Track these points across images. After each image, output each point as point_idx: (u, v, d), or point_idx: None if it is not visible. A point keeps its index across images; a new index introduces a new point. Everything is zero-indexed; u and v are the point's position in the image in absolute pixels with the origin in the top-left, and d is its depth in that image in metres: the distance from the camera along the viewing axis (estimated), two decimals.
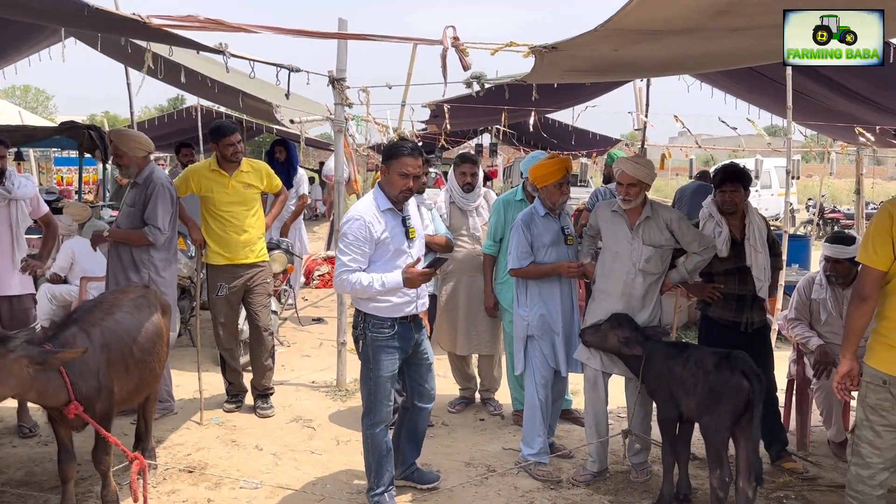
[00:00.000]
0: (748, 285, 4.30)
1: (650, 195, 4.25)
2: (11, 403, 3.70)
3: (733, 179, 4.30)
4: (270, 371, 5.34)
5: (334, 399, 5.58)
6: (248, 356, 5.46)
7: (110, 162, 7.41)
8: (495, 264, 5.03)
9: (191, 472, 4.23)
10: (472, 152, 11.69)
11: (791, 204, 7.97)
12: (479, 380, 5.55)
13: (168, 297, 4.62)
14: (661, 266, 4.17)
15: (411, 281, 3.52)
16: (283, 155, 7.96)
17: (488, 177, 11.27)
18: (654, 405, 4.07)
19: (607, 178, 6.25)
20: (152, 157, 5.05)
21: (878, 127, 8.48)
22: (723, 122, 9.96)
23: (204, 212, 5.13)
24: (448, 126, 9.94)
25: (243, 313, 5.44)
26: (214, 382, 5.42)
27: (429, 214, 4.71)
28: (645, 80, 10.45)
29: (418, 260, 3.68)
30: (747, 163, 18.33)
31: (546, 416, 4.42)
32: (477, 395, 5.57)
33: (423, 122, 12.33)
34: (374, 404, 3.72)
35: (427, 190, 5.61)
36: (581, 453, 4.58)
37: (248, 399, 5.37)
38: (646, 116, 11.06)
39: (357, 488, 4.07)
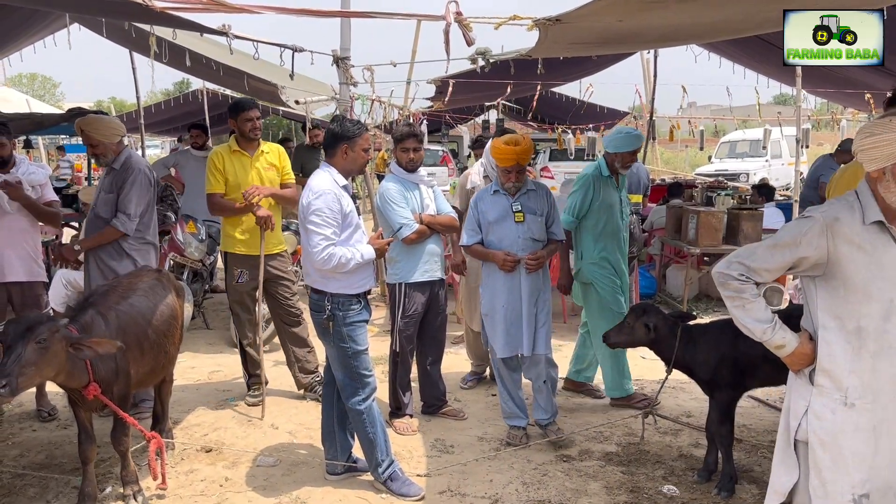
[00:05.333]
0: None
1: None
2: (30, 389, 3.77)
3: None
4: (312, 356, 5.18)
5: None
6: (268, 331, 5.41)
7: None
8: (576, 242, 5.01)
9: (208, 451, 4.29)
10: (480, 130, 11.63)
11: (801, 173, 7.92)
12: None
13: None
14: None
15: (380, 251, 3.80)
16: None
17: None
18: (710, 389, 3.84)
19: None
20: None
21: (888, 93, 8.37)
22: (728, 93, 9.91)
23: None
24: (443, 103, 9.84)
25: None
26: (230, 364, 5.46)
27: (429, 192, 4.64)
28: (652, 51, 10.36)
29: (380, 232, 4.00)
30: (756, 133, 18.17)
31: (506, 384, 4.45)
32: (488, 371, 5.61)
33: (428, 98, 12.26)
34: (361, 379, 3.76)
35: (434, 168, 5.60)
36: (588, 425, 4.62)
37: (270, 385, 5.34)
38: (653, 88, 10.97)
39: (374, 463, 4.11)
